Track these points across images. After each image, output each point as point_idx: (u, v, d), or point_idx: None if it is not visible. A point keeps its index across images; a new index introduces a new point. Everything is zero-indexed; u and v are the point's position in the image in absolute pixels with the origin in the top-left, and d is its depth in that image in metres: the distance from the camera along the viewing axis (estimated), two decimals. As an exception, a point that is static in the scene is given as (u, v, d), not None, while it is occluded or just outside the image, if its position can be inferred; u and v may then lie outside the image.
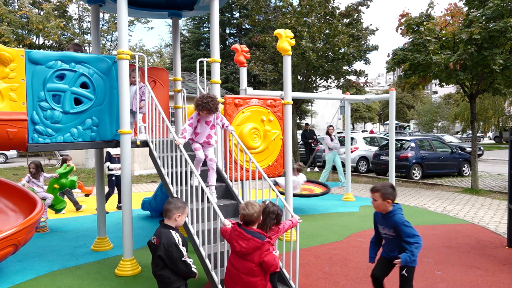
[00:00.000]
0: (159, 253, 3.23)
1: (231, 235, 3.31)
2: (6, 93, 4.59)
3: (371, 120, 60.47)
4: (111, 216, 7.87)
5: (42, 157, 22.48)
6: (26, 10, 21.45)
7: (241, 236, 3.20)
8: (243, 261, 3.19)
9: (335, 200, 10.14)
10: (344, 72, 17.64)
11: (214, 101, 4.70)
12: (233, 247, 3.29)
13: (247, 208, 3.24)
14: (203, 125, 4.90)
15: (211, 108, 4.69)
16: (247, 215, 3.22)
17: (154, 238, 3.31)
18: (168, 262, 3.25)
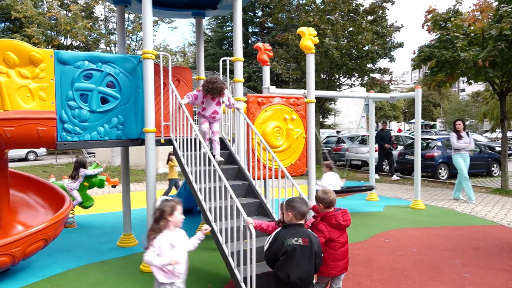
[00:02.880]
0: (314, 250, 3.28)
1: (337, 218, 3.72)
2: (36, 93, 4.73)
3: (396, 119, 59.41)
4: (136, 213, 8.01)
5: (70, 154, 23.10)
6: (54, 12, 22.06)
7: (343, 213, 3.79)
8: (346, 233, 3.84)
9: (359, 200, 10.02)
10: (368, 70, 17.40)
11: (218, 87, 5.09)
12: (339, 226, 3.73)
13: (329, 193, 3.81)
14: (209, 102, 5.29)
15: (214, 94, 5.15)
16: (334, 198, 3.80)
17: (296, 240, 3.20)
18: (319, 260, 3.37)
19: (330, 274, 3.78)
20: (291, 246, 3.17)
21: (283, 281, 3.17)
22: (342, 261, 3.80)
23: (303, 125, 6.16)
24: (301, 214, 3.33)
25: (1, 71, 4.59)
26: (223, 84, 5.19)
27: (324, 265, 3.66)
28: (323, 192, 3.83)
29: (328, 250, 3.72)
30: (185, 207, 8.74)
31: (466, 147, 9.73)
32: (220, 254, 4.30)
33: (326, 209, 3.80)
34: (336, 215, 3.76)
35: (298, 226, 3.31)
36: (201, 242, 3.76)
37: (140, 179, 14.13)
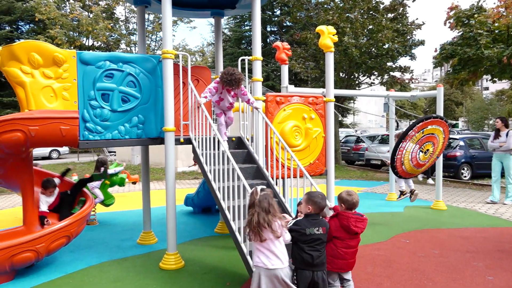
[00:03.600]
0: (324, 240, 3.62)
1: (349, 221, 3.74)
2: (59, 93, 4.84)
3: (417, 118, 58.40)
4: (155, 211, 8.11)
5: (92, 153, 23.56)
6: (76, 13, 22.49)
7: (358, 219, 3.77)
8: (357, 239, 3.84)
9: (378, 200, 9.90)
10: (388, 69, 17.18)
11: (236, 79, 5.17)
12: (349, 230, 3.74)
13: (353, 195, 3.83)
14: (225, 93, 5.42)
15: (233, 85, 5.21)
16: (357, 201, 3.83)
17: (317, 229, 3.55)
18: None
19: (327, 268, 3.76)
20: (315, 235, 3.53)
21: (306, 261, 3.50)
22: (342, 260, 3.81)
23: (322, 124, 6.12)
24: (320, 209, 3.65)
25: (26, 72, 4.71)
26: (241, 75, 5.26)
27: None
28: (347, 193, 3.85)
29: (330, 245, 3.78)
30: (204, 205, 8.87)
31: (498, 147, 9.24)
32: (239, 253, 4.32)
33: (346, 210, 3.83)
34: (349, 217, 3.77)
35: (317, 216, 3.65)
36: (219, 240, 3.75)
37: (160, 177, 14.30)
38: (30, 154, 5.42)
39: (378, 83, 19.32)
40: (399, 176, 7.23)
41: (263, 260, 3.43)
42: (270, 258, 3.42)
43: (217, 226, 7.05)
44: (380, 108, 43.39)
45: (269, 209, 3.43)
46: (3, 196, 11.10)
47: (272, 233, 3.40)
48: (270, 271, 3.41)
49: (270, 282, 3.41)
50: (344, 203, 3.84)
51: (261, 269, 3.43)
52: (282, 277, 3.41)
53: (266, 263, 3.42)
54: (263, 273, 3.43)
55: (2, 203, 10.09)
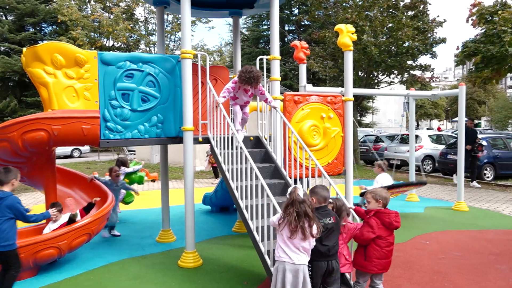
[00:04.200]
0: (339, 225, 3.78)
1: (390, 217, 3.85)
2: (81, 93, 4.94)
3: (437, 117, 57.31)
4: (174, 209, 8.19)
5: (112, 152, 23.95)
6: (97, 15, 22.88)
7: (396, 214, 3.91)
8: (393, 235, 3.94)
9: (398, 200, 9.75)
10: (408, 67, 16.91)
11: (255, 76, 5.19)
12: (390, 226, 3.83)
13: (388, 192, 4.01)
14: (241, 92, 5.49)
15: (252, 83, 5.24)
16: (388, 197, 3.99)
17: (329, 219, 3.66)
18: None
19: (372, 270, 3.81)
20: (328, 225, 3.62)
21: (323, 253, 3.58)
22: (385, 260, 3.83)
23: (341, 124, 6.07)
24: (323, 198, 3.73)
25: (49, 72, 4.83)
26: (259, 72, 5.29)
27: (368, 261, 3.76)
28: (384, 191, 3.96)
29: (374, 247, 3.77)
30: (222, 204, 8.90)
31: None
32: (257, 252, 4.32)
33: (382, 208, 3.89)
34: (390, 213, 3.83)
35: (325, 207, 3.75)
36: (236, 239, 3.77)
37: (178, 176, 14.42)
38: (53, 152, 5.55)
39: (397, 82, 19.04)
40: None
41: (290, 255, 3.41)
42: (298, 254, 3.42)
43: (235, 225, 7.07)
44: (400, 107, 42.78)
45: (313, 208, 3.49)
46: (27, 194, 11.39)
47: (311, 231, 3.40)
48: (295, 266, 3.41)
49: (294, 277, 3.41)
50: (383, 200, 3.89)
51: (286, 263, 3.42)
52: (305, 273, 3.44)
53: (293, 258, 3.41)
54: (288, 268, 3.42)
55: (26, 200, 10.35)
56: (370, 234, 3.75)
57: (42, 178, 5.50)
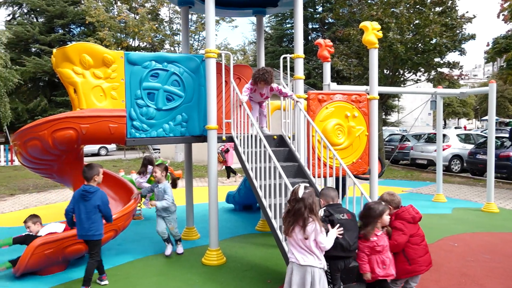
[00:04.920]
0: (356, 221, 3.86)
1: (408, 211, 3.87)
2: (108, 92, 5.05)
3: (466, 116, 55.71)
4: (197, 207, 8.27)
5: (137, 150, 24.38)
6: (124, 16, 23.33)
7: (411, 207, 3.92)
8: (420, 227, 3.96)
9: (424, 201, 9.55)
10: (436, 64, 16.50)
11: (269, 73, 5.42)
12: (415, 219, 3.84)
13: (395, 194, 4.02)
14: (256, 95, 5.67)
15: (267, 80, 5.41)
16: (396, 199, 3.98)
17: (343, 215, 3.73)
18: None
19: (422, 270, 3.80)
20: (342, 220, 3.68)
21: (343, 247, 3.60)
22: (426, 255, 3.82)
23: (366, 123, 5.98)
24: (331, 198, 3.87)
25: (77, 72, 4.95)
26: (272, 70, 5.51)
27: (413, 264, 3.72)
28: (388, 194, 3.93)
29: (412, 247, 3.75)
30: (245, 203, 8.93)
31: None
32: (280, 251, 4.32)
33: (394, 210, 3.85)
34: (407, 209, 3.83)
35: (338, 205, 3.88)
36: (259, 238, 3.79)
37: (202, 174, 14.56)
38: (81, 151, 5.69)
39: (424, 80, 18.61)
40: None
41: (296, 255, 3.36)
42: (305, 255, 3.34)
43: (258, 224, 7.08)
44: (427, 106, 41.84)
45: (312, 208, 3.35)
46: (56, 191, 11.74)
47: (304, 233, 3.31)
48: (302, 267, 3.34)
49: (300, 279, 3.34)
50: (390, 204, 3.85)
51: (294, 264, 3.38)
52: (314, 276, 3.32)
53: (299, 258, 3.34)
54: (296, 268, 3.37)
55: (56, 197, 10.67)
56: (403, 237, 3.72)
57: (71, 176, 5.64)
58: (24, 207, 9.30)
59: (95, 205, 4.43)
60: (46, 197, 10.75)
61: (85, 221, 4.42)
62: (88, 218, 4.42)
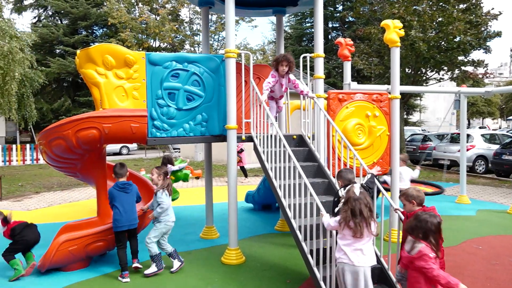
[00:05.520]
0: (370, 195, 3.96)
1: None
2: (130, 92, 5.13)
3: (491, 115, 54.28)
4: (217, 206, 8.32)
5: (158, 150, 24.68)
6: (145, 17, 23.65)
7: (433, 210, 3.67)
8: None
9: (448, 202, 9.35)
10: (459, 63, 16.14)
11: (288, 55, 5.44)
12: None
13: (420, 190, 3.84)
14: (278, 86, 5.60)
15: (288, 58, 5.39)
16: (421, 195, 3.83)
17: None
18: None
19: None
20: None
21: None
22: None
23: (387, 122, 5.90)
24: (348, 180, 4.04)
25: (100, 73, 5.04)
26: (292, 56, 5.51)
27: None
28: (415, 190, 3.82)
29: None
30: (264, 202, 8.92)
31: None
32: (299, 251, 4.30)
33: (417, 207, 3.75)
34: (428, 210, 3.65)
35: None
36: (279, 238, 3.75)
37: (221, 174, 14.63)
38: (104, 150, 5.80)
39: (447, 79, 18.22)
40: None
41: (350, 255, 3.34)
42: (358, 256, 3.34)
43: (277, 224, 7.07)
44: (450, 105, 40.99)
45: (371, 207, 3.40)
46: (80, 189, 12.00)
47: (369, 231, 3.36)
48: (354, 267, 3.33)
49: (353, 280, 3.35)
50: (415, 199, 3.76)
51: (346, 265, 3.37)
52: (366, 276, 3.35)
53: (353, 259, 3.33)
54: (347, 269, 3.36)
55: (79, 195, 10.90)
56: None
57: (94, 174, 5.75)
58: (49, 205, 9.54)
59: (135, 196, 5.03)
60: (70, 195, 11.00)
61: (130, 211, 4.94)
62: (132, 208, 4.97)
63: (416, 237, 3.18)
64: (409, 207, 3.78)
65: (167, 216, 5.06)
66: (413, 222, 3.25)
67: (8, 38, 12.41)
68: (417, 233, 3.18)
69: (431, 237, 3.13)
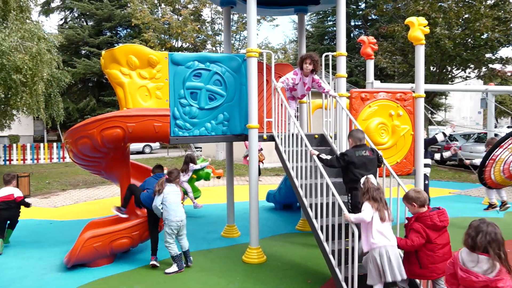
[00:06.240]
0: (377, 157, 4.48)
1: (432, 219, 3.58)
2: (153, 92, 5.20)
3: (520, 115, 52.55)
4: (238, 205, 8.35)
5: (180, 148, 24.96)
6: (167, 17, 23.93)
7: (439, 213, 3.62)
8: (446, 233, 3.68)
9: (473, 203, 9.11)
10: (487, 61, 15.71)
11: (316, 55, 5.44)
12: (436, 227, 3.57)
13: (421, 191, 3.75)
14: (300, 85, 5.53)
15: (313, 56, 5.38)
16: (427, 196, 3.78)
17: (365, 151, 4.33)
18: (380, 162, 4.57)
19: (432, 276, 3.62)
20: (363, 157, 4.28)
21: (359, 179, 4.01)
22: (443, 263, 3.53)
23: (411, 122, 5.79)
24: (359, 139, 4.38)
25: (124, 73, 5.14)
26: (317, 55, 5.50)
27: (423, 268, 3.57)
28: (414, 191, 3.72)
29: (426, 252, 3.56)
30: (285, 202, 8.90)
31: None
32: (321, 251, 4.27)
33: (420, 209, 3.64)
34: (432, 215, 3.58)
35: (363, 145, 4.39)
36: (300, 238, 3.74)
37: (242, 173, 14.67)
38: (127, 148, 5.90)
39: (474, 77, 17.76)
40: (488, 187, 6.70)
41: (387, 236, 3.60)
42: (388, 237, 3.60)
43: (298, 223, 7.05)
44: (476, 104, 39.87)
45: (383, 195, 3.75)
46: (104, 186, 12.25)
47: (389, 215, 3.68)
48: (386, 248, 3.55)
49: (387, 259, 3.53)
50: (415, 201, 3.64)
51: (381, 247, 3.55)
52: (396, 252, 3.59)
53: (385, 242, 3.57)
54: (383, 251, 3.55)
55: (103, 193, 11.14)
56: (420, 240, 3.50)
57: (118, 172, 5.86)
58: (75, 202, 9.78)
59: None
60: (95, 192, 11.25)
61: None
62: None
63: (494, 254, 2.70)
64: (411, 210, 3.69)
65: (169, 216, 4.95)
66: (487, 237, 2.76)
67: (36, 39, 12.77)
68: (493, 249, 2.71)
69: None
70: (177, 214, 4.96)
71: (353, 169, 4.23)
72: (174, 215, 4.94)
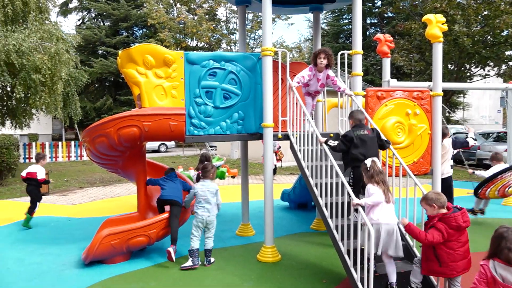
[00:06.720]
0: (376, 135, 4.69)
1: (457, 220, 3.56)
2: (169, 91, 5.25)
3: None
4: (253, 204, 8.36)
5: (195, 147, 25.10)
6: (183, 17, 24.09)
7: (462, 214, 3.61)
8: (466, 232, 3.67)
9: (493, 204, 8.89)
10: (507, 58, 15.38)
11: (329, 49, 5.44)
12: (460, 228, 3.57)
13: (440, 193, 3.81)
14: (314, 81, 5.53)
15: (326, 51, 5.36)
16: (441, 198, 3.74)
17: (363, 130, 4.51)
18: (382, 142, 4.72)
19: (452, 274, 3.59)
20: (362, 135, 4.44)
21: (358, 158, 4.32)
22: (463, 261, 3.57)
23: (428, 121, 5.71)
24: (359, 120, 4.61)
25: (140, 72, 5.19)
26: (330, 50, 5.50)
27: (444, 266, 3.56)
28: (434, 193, 3.74)
29: (446, 251, 3.54)
30: (300, 201, 8.88)
31: None
32: (336, 251, 4.25)
33: (439, 210, 3.61)
34: (456, 216, 3.54)
35: (363, 125, 4.61)
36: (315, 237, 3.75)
37: (257, 172, 14.67)
38: (143, 147, 5.97)
39: (494, 75, 17.40)
40: (479, 198, 7.03)
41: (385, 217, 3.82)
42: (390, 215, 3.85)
43: (313, 223, 7.02)
44: (496, 103, 39.10)
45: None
46: (120, 185, 12.41)
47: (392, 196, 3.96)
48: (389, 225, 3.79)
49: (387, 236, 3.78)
50: (435, 202, 3.61)
51: (381, 224, 3.78)
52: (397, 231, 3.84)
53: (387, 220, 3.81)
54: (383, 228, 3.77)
55: (120, 191, 11.28)
56: (440, 238, 3.50)
57: (134, 171, 5.93)
58: (92, 199, 9.94)
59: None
60: (111, 190, 11.40)
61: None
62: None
63: None
64: (430, 211, 3.65)
65: (197, 209, 5.18)
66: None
67: (55, 40, 13.01)
68: None
69: None
70: (205, 209, 5.15)
71: (353, 148, 4.42)
72: (201, 208, 5.14)
